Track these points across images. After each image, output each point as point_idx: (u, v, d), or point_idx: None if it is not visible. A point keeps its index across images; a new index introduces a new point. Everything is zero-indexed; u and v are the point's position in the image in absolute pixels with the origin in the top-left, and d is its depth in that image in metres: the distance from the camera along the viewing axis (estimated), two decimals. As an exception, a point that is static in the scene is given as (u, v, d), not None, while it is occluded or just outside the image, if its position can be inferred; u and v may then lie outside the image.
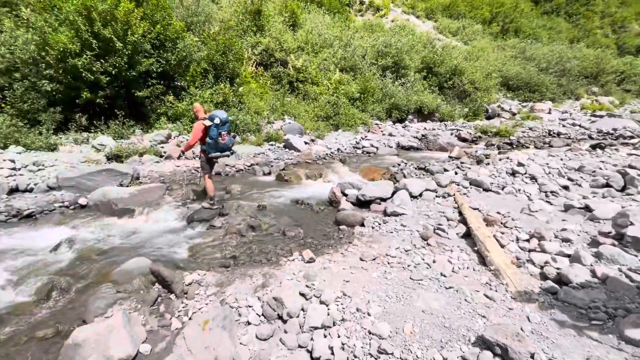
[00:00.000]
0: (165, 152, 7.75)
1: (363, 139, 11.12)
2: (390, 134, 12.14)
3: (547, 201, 4.81)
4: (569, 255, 3.24)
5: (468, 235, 3.95)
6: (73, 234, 4.23)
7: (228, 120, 4.78)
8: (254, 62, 12.59)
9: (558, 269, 3.03)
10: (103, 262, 3.63)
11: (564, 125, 14.13)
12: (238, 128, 9.65)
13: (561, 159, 7.02)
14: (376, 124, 13.14)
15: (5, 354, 2.36)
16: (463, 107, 16.25)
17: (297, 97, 12.57)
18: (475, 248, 3.63)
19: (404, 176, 6.77)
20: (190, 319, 2.66)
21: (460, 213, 4.49)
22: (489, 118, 16.27)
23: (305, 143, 9.81)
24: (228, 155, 5.12)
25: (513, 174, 5.99)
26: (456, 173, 6.50)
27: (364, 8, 25.42)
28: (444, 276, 3.08)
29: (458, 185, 5.61)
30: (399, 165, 7.86)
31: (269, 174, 7.39)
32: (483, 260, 3.39)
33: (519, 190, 5.26)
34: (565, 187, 5.29)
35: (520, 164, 6.29)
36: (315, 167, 7.89)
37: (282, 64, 13.10)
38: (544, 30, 31.86)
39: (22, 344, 2.45)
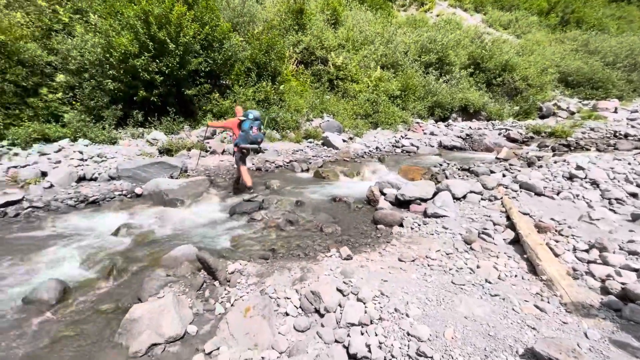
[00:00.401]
0: (210, 147, 8.18)
1: (403, 137, 10.86)
2: (431, 133, 11.73)
3: (611, 209, 4.35)
4: (637, 270, 2.91)
5: (517, 242, 3.70)
6: (130, 220, 4.64)
7: (259, 118, 5.43)
8: (295, 61, 12.80)
9: (623, 283, 2.74)
10: (155, 247, 3.94)
11: (633, 126, 12.66)
12: (278, 125, 9.90)
13: (629, 163, 6.29)
14: (417, 122, 12.75)
15: (76, 323, 2.66)
16: (513, 106, 15.22)
17: (337, 95, 12.58)
18: (525, 256, 3.40)
19: (446, 177, 6.50)
20: (232, 305, 2.80)
21: (508, 217, 4.22)
22: (542, 117, 15.07)
23: (344, 141, 9.80)
24: (256, 148, 5.67)
25: (570, 178, 5.50)
26: (504, 175, 6.10)
27: (407, 3, 24.70)
28: (489, 283, 2.93)
29: (506, 188, 5.27)
30: (441, 165, 7.56)
31: (307, 170, 7.49)
32: (533, 269, 3.17)
33: (577, 195, 4.81)
34: (634, 195, 4.75)
35: (579, 167, 5.75)
36: (353, 165, 7.86)
37: (323, 61, 13.17)
38: (611, 20, 28.65)
39: (89, 315, 2.75)
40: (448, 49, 15.16)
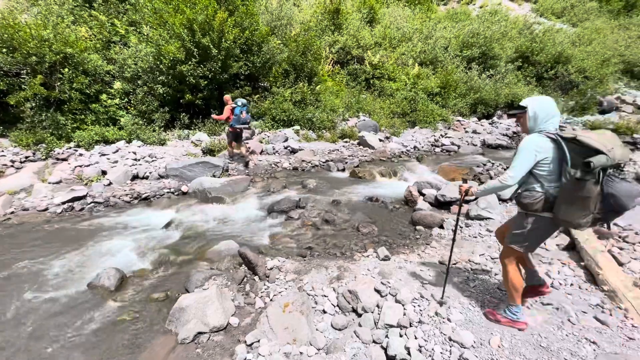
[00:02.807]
0: (249, 148, 8.46)
1: (442, 136, 10.45)
2: (474, 131, 11.16)
3: (688, 214, 3.84)
4: None
5: (572, 248, 3.41)
6: (177, 216, 4.95)
7: (246, 104, 6.88)
8: (331, 61, 12.85)
9: None
10: (200, 241, 4.17)
11: None
12: (314, 125, 9.99)
13: None
14: (458, 120, 12.20)
15: (132, 309, 2.90)
16: (567, 100, 14.00)
17: (373, 94, 12.42)
18: (583, 263, 3.12)
19: (490, 177, 6.15)
20: (271, 300, 2.88)
21: (562, 221, 3.89)
22: (603, 112, 13.70)
23: (380, 140, 9.65)
24: (247, 127, 7.26)
25: (638, 179, 4.94)
26: (557, 176, 5.64)
27: (447, -4, 23.70)
28: (541, 291, 2.72)
29: (560, 189, 4.86)
30: (484, 165, 7.17)
31: (343, 170, 7.49)
32: (592, 279, 2.90)
33: (646, 199, 4.31)
34: None
35: (648, 168, 5.15)
36: (389, 165, 7.71)
37: (359, 60, 13.09)
38: (689, 0, 25.23)
39: (143, 302, 2.99)
40: (492, 42, 14.32)
